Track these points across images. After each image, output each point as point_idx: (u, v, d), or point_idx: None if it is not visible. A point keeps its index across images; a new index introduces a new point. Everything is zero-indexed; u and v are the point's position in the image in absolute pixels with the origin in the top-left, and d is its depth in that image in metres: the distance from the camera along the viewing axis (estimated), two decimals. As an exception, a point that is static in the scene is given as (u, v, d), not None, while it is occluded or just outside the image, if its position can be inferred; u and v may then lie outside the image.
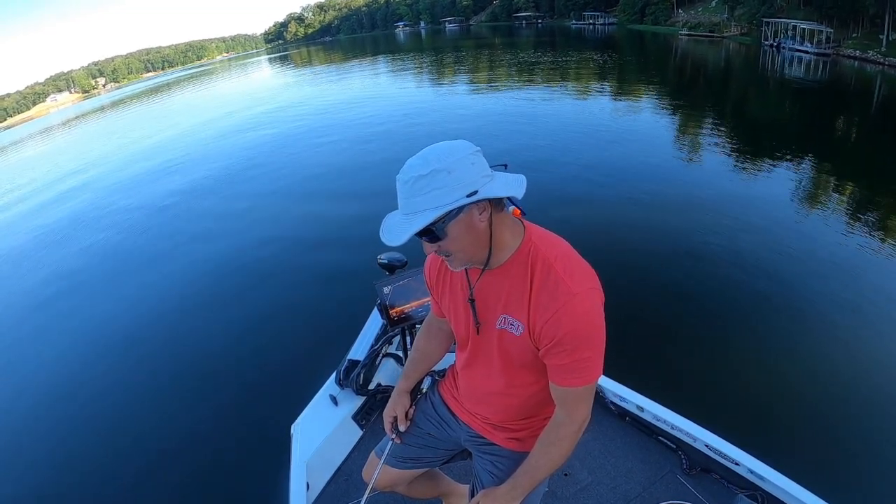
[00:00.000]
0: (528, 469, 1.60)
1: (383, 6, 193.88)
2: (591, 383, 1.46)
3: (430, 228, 1.31)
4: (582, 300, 1.36)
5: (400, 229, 1.30)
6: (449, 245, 1.37)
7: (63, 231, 12.42)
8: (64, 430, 5.26)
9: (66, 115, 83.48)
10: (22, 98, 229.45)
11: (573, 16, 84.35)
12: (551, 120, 15.96)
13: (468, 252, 1.40)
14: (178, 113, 38.24)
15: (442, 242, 1.36)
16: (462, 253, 1.40)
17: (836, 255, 6.67)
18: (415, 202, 1.29)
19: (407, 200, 1.31)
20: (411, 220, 1.29)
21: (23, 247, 12.03)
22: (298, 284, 7.37)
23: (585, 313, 1.37)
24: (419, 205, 1.29)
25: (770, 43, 35.97)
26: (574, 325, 1.36)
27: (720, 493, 2.63)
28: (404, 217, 1.32)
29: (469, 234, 1.37)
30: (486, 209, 1.37)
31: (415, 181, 1.28)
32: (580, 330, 1.37)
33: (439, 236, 1.34)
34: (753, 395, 4.42)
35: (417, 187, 1.28)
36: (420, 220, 1.28)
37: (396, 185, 1.32)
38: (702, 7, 54.41)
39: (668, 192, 9.30)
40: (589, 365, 1.41)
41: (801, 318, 5.43)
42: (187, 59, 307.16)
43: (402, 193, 1.32)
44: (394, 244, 1.30)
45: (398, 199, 1.33)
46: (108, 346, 6.68)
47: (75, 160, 24.85)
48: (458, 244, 1.37)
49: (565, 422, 1.52)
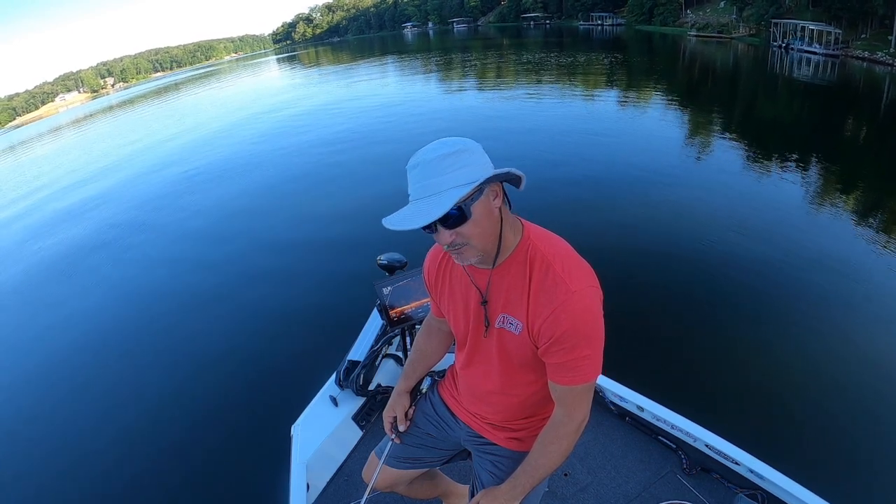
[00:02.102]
0: (528, 468, 1.59)
1: (391, 7, 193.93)
2: (590, 381, 1.45)
3: (459, 206, 1.29)
4: (581, 298, 1.37)
5: (429, 210, 1.26)
6: (470, 229, 1.34)
7: (57, 232, 12.51)
8: (65, 430, 5.28)
9: (76, 115, 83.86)
10: (31, 97, 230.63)
11: (581, 16, 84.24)
12: (558, 120, 15.93)
13: (484, 240, 1.39)
14: (183, 113, 38.45)
15: (463, 227, 1.33)
16: (478, 240, 1.37)
17: (839, 256, 6.62)
18: (439, 181, 1.28)
19: (428, 181, 1.29)
20: (440, 199, 1.27)
21: (19, 247, 12.15)
22: (299, 285, 7.37)
23: (584, 311, 1.37)
24: (445, 183, 1.28)
25: (779, 44, 35.82)
26: (573, 324, 1.36)
27: (720, 492, 2.63)
28: (426, 200, 1.29)
29: (487, 218, 1.37)
30: (499, 195, 1.38)
31: (441, 159, 1.28)
32: (579, 328, 1.37)
33: (467, 216, 1.32)
34: (753, 394, 4.41)
35: (444, 165, 1.28)
36: (454, 194, 1.27)
37: (410, 173, 1.32)
38: (710, 8, 54.22)
39: (670, 192, 9.26)
40: (588, 363, 1.41)
41: (801, 318, 5.41)
42: (196, 60, 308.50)
43: (422, 175, 1.30)
44: (420, 225, 1.26)
45: (412, 187, 1.32)
46: (109, 347, 6.71)
47: (73, 161, 25.00)
48: (478, 228, 1.36)
49: (564, 421, 1.51)
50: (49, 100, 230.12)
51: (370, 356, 3.21)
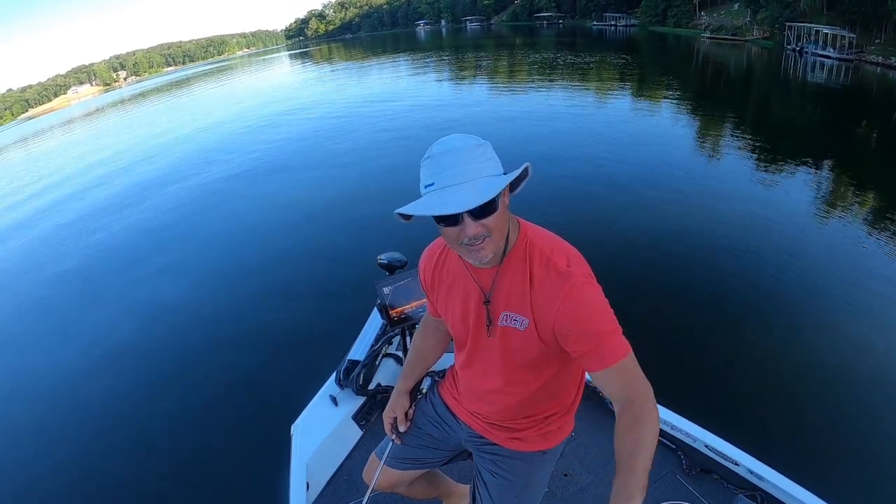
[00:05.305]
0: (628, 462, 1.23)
1: (404, 4, 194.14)
2: (627, 356, 1.37)
3: (493, 198, 1.27)
4: (584, 283, 1.40)
5: (468, 196, 1.24)
6: (495, 221, 1.34)
7: (55, 234, 12.58)
8: (65, 430, 5.31)
9: (88, 108, 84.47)
10: (44, 89, 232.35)
11: (594, 17, 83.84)
12: (568, 121, 15.88)
13: (502, 234, 1.40)
14: (190, 111, 38.54)
15: (490, 218, 1.32)
16: (499, 233, 1.37)
17: (844, 260, 6.60)
18: (476, 169, 1.28)
19: (464, 167, 1.28)
20: (476, 186, 1.26)
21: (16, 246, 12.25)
22: (299, 285, 7.39)
23: (592, 294, 1.40)
24: (482, 171, 1.29)
25: (793, 47, 35.57)
26: (586, 308, 1.39)
27: (720, 493, 2.64)
28: (462, 186, 1.26)
29: (505, 213, 1.39)
30: (506, 194, 1.40)
31: (473, 149, 1.30)
32: (593, 311, 1.39)
33: (497, 206, 1.32)
34: (753, 395, 4.42)
35: (476, 155, 1.30)
36: (494, 182, 1.27)
37: (439, 159, 1.30)
38: (724, 10, 53.94)
39: (675, 193, 9.25)
40: (617, 338, 1.38)
41: (802, 320, 5.42)
42: (208, 54, 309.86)
43: (455, 161, 1.28)
44: (465, 208, 1.23)
45: (442, 174, 1.28)
46: (109, 347, 6.72)
47: (73, 162, 25.09)
48: (501, 221, 1.36)
49: (632, 399, 1.34)
50: (62, 92, 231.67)
51: (370, 356, 3.21)
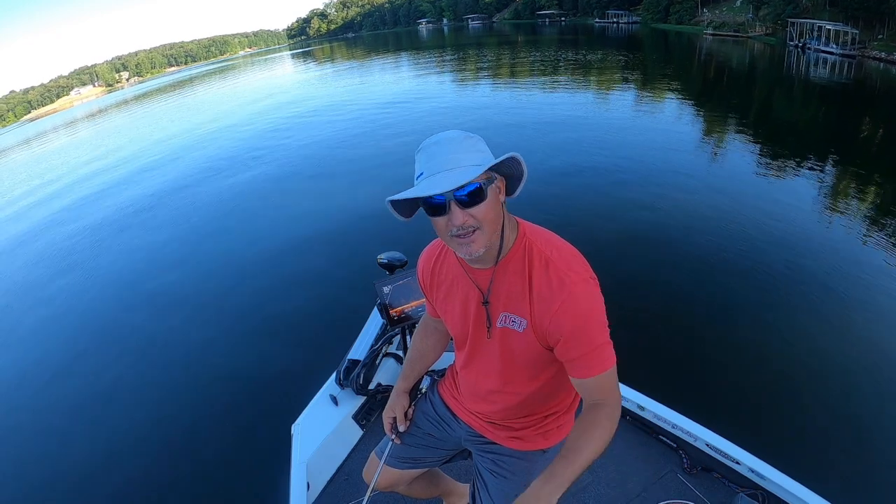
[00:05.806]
0: (569, 457, 1.32)
1: (406, 2, 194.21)
2: (612, 367, 1.42)
3: (480, 184, 1.32)
4: (584, 289, 1.39)
5: (454, 178, 1.28)
6: (484, 211, 1.35)
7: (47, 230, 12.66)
8: (65, 429, 5.30)
9: (90, 109, 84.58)
10: (46, 91, 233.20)
11: (596, 14, 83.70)
12: (569, 120, 15.80)
13: (492, 228, 1.39)
14: (192, 109, 38.67)
15: (478, 207, 1.33)
16: (489, 226, 1.37)
17: (847, 258, 6.55)
18: (465, 157, 1.32)
19: (454, 155, 1.32)
20: (464, 172, 1.29)
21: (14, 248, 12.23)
22: (299, 284, 7.35)
23: (591, 302, 1.40)
24: (469, 160, 1.32)
25: (795, 43, 35.49)
26: (582, 316, 1.38)
27: (721, 492, 2.64)
28: (450, 172, 1.30)
29: (496, 207, 1.39)
30: (502, 191, 1.42)
31: (463, 139, 1.35)
32: (589, 319, 1.39)
33: (484, 196, 1.33)
34: (754, 393, 4.40)
35: (466, 145, 1.34)
36: (478, 170, 1.30)
37: (430, 149, 1.34)
38: (726, 7, 53.80)
39: (679, 190, 9.20)
40: (607, 349, 1.41)
41: (803, 319, 5.39)
42: (210, 55, 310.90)
43: (446, 150, 1.33)
44: (446, 189, 1.27)
45: (432, 161, 1.33)
46: (109, 347, 6.71)
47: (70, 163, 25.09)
48: (491, 213, 1.37)
49: (601, 404, 1.41)
50: (64, 93, 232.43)
51: (370, 355, 3.22)
